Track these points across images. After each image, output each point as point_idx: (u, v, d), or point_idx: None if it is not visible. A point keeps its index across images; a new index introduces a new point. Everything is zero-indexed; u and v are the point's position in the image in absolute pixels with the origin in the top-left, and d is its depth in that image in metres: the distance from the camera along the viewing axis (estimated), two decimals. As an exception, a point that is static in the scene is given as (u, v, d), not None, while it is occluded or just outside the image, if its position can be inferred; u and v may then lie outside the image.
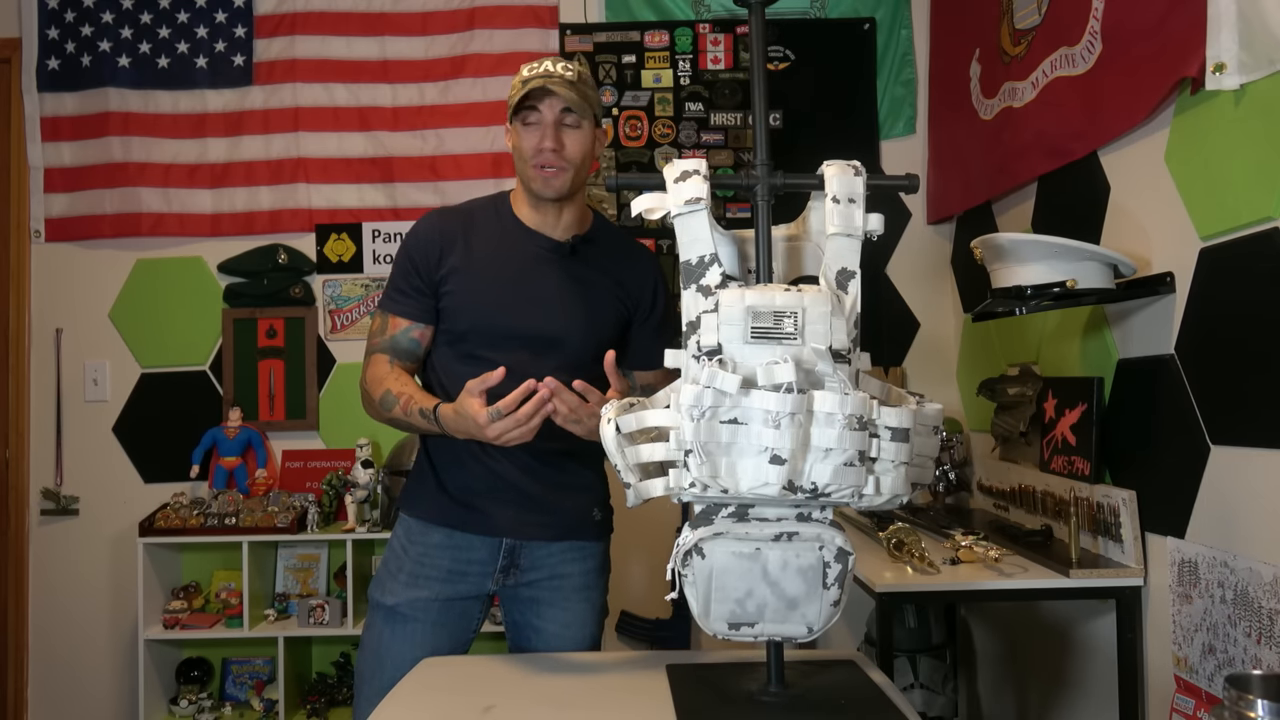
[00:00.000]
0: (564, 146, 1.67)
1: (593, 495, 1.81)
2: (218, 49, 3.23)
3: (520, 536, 1.74)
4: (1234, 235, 1.68)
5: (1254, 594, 1.62)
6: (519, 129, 1.69)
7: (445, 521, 1.75)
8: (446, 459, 1.76)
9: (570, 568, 1.77)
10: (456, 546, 1.74)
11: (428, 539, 1.75)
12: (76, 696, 3.18)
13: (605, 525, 1.84)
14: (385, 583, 1.77)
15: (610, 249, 1.80)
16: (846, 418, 1.11)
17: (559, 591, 1.76)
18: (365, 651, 1.77)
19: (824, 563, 1.21)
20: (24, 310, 3.23)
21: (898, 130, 3.22)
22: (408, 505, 1.80)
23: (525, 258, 1.73)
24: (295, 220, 3.22)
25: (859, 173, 1.25)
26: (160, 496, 3.11)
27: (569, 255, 1.74)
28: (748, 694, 1.32)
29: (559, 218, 1.74)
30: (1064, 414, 2.21)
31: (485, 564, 1.74)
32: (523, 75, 1.68)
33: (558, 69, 1.67)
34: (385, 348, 1.75)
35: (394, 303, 1.76)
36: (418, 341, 1.75)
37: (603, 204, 3.18)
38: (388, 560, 1.79)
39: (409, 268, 1.74)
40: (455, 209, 1.82)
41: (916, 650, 2.68)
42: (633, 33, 3.23)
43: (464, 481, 1.74)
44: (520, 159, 1.70)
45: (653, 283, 1.81)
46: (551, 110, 1.66)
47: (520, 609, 1.79)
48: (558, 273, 1.73)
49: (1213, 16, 1.64)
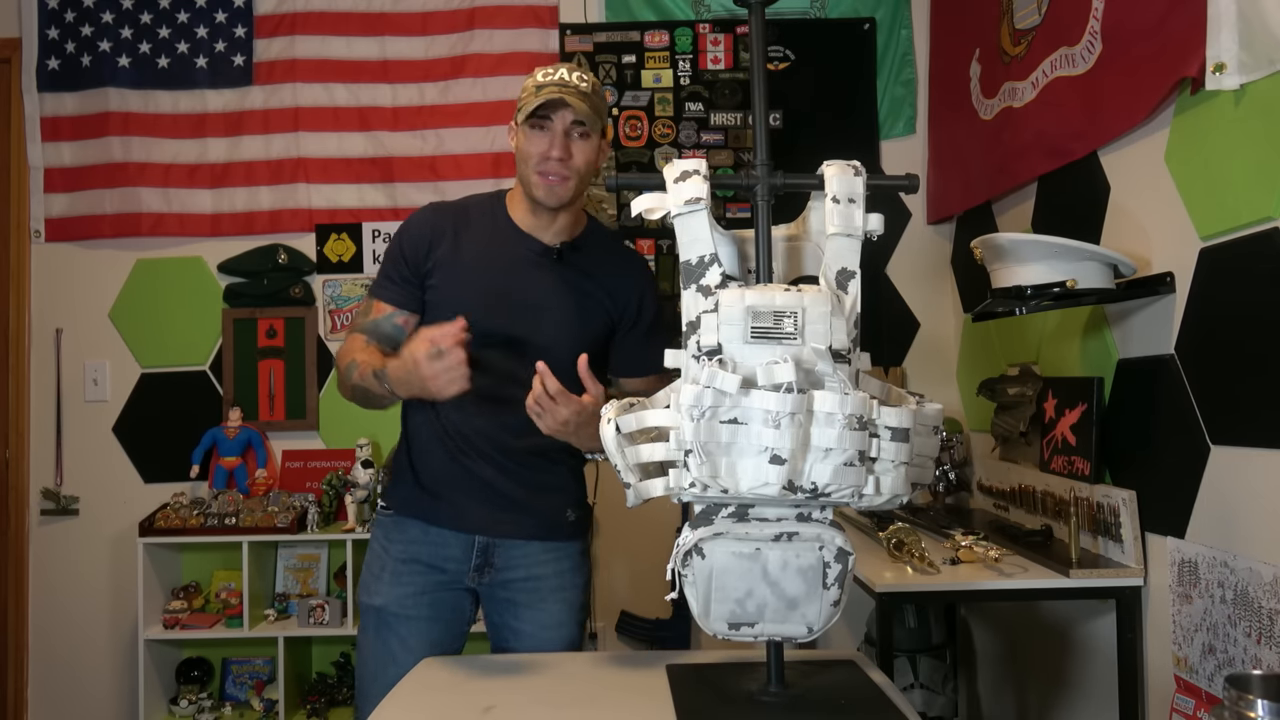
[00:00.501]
0: (571, 156, 1.67)
1: (566, 496, 1.81)
2: (218, 49, 3.23)
3: (493, 534, 1.74)
4: (1234, 235, 1.68)
5: (1254, 594, 1.62)
6: (526, 132, 1.68)
7: (418, 514, 1.76)
8: (422, 452, 1.77)
9: (545, 569, 1.77)
10: (432, 541, 1.75)
11: (405, 534, 1.76)
12: (76, 696, 3.18)
13: (580, 525, 1.84)
14: (370, 584, 1.77)
15: (600, 255, 1.79)
16: (846, 418, 1.11)
17: (536, 593, 1.76)
18: (363, 654, 1.78)
19: (824, 563, 1.21)
20: (24, 310, 3.23)
21: (898, 130, 3.22)
22: (387, 498, 1.83)
23: (513, 259, 1.73)
24: (295, 220, 3.22)
25: (859, 173, 1.25)
26: (160, 496, 3.11)
27: (557, 261, 1.74)
28: (748, 694, 1.32)
29: (553, 222, 1.74)
30: (1064, 414, 2.21)
31: (460, 561, 1.75)
32: (537, 80, 1.68)
33: (573, 78, 1.66)
34: (366, 329, 1.76)
35: (381, 289, 1.77)
36: (401, 328, 1.74)
37: (602, 204, 3.18)
38: (370, 562, 1.80)
39: (398, 257, 1.76)
40: (452, 204, 1.83)
41: (916, 650, 2.68)
42: (633, 33, 3.23)
43: (436, 473, 1.75)
44: (523, 162, 1.70)
45: (640, 290, 1.80)
46: (563, 120, 1.66)
47: (498, 610, 1.79)
48: (545, 277, 1.73)
49: (1213, 16, 1.64)
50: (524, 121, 1.67)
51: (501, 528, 1.74)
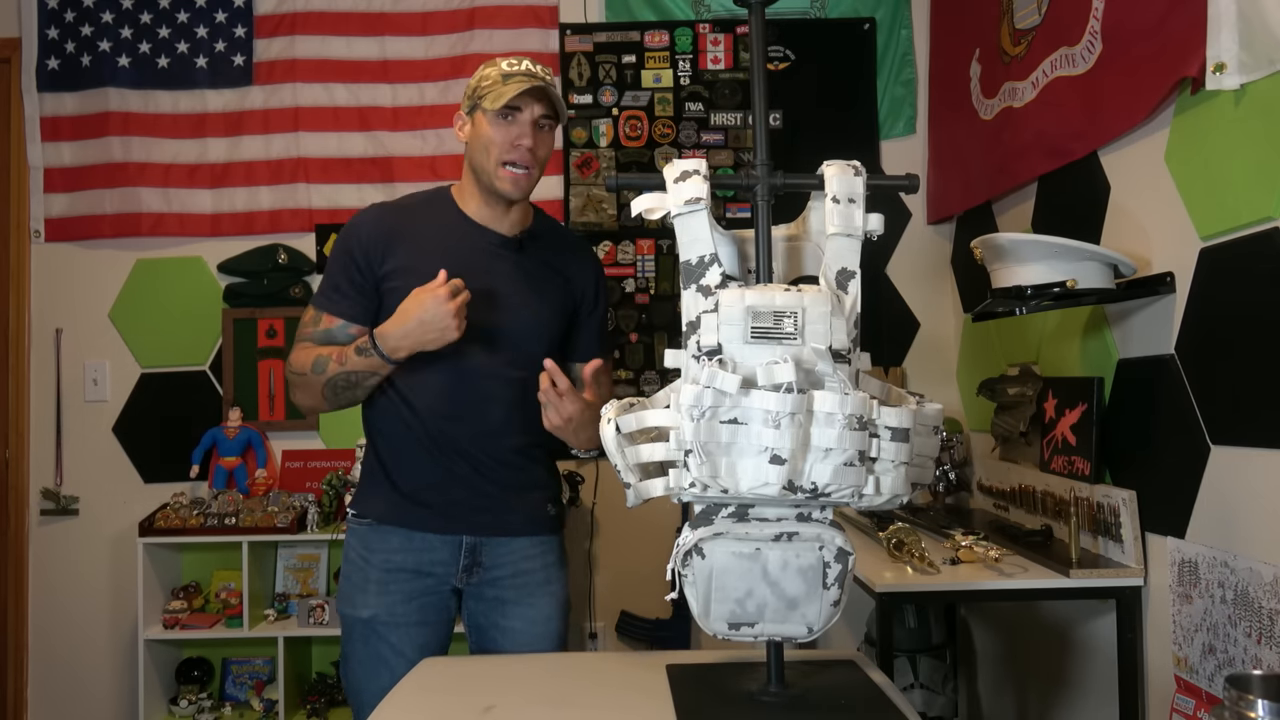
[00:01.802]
0: (536, 147, 1.69)
1: (546, 492, 1.83)
2: (218, 49, 3.23)
3: (479, 533, 1.74)
4: (1234, 235, 1.68)
5: (1254, 594, 1.61)
6: (492, 121, 1.68)
7: (401, 522, 1.73)
8: (398, 457, 1.75)
9: (532, 563, 1.78)
10: (417, 549, 1.73)
11: (387, 544, 1.73)
12: (76, 696, 3.18)
13: (559, 520, 1.86)
14: (354, 596, 1.75)
15: (555, 244, 1.82)
16: (846, 418, 1.11)
17: (524, 589, 1.77)
18: (351, 664, 1.75)
19: (824, 563, 1.20)
20: (24, 310, 3.22)
21: (898, 130, 3.22)
22: (360, 506, 1.78)
23: (475, 252, 1.73)
24: (295, 220, 3.22)
25: (859, 173, 1.25)
26: (160, 496, 3.11)
27: (518, 250, 1.75)
28: (748, 694, 1.32)
29: (507, 213, 1.76)
30: (1064, 414, 2.20)
31: (448, 564, 1.74)
32: (502, 69, 1.69)
33: (539, 70, 1.70)
34: (317, 337, 1.72)
35: (331, 301, 1.73)
36: (354, 339, 1.70)
37: (602, 204, 3.18)
38: (349, 574, 1.76)
39: (349, 263, 1.72)
40: (395, 204, 1.82)
41: (916, 650, 2.68)
42: (633, 33, 3.23)
43: (417, 478, 1.73)
44: (483, 152, 1.69)
45: (595, 276, 1.84)
46: (533, 112, 1.68)
47: (485, 610, 1.78)
48: (506, 267, 1.74)
49: (1213, 16, 1.64)
50: (493, 110, 1.67)
51: (488, 525, 1.74)
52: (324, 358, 1.67)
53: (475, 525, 1.74)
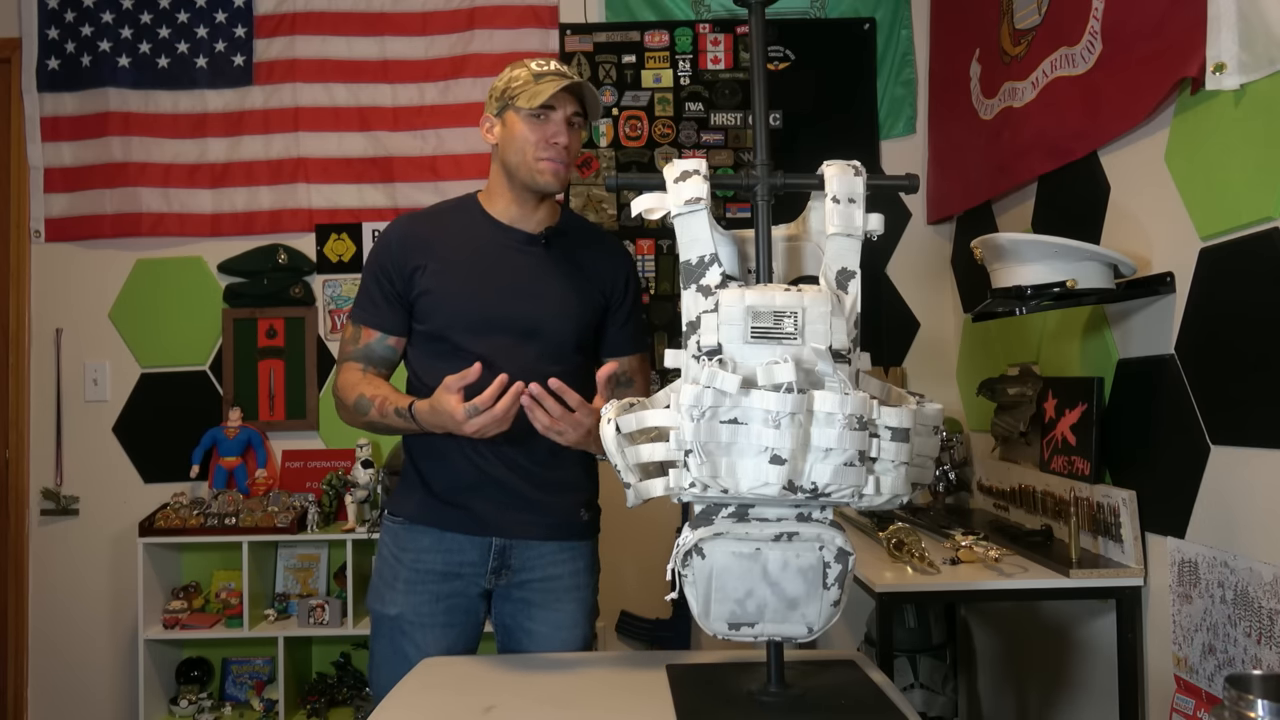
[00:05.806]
0: (570, 144, 1.71)
1: (580, 494, 1.81)
2: (218, 49, 3.23)
3: (509, 535, 1.73)
4: (1234, 235, 1.68)
5: (1254, 594, 1.62)
6: (524, 120, 1.69)
7: (433, 522, 1.74)
8: (431, 459, 1.76)
9: (560, 568, 1.77)
10: (447, 549, 1.74)
11: (418, 543, 1.75)
12: (76, 696, 3.18)
13: (593, 525, 1.84)
14: (384, 593, 1.77)
15: (583, 239, 1.83)
16: (846, 418, 1.11)
17: (550, 593, 1.76)
18: (377, 660, 1.77)
19: (824, 563, 1.21)
20: (24, 310, 3.22)
21: (898, 130, 3.22)
22: (394, 506, 1.81)
23: (501, 250, 1.74)
24: (295, 220, 3.22)
25: (859, 173, 1.26)
26: (160, 496, 3.11)
27: (543, 246, 1.76)
28: (748, 694, 1.32)
29: (535, 211, 1.77)
30: (1064, 414, 2.21)
31: (477, 565, 1.74)
32: (532, 69, 1.70)
33: (568, 70, 1.73)
34: (359, 356, 1.76)
35: (366, 313, 1.76)
36: (393, 349, 1.77)
37: (602, 204, 3.18)
38: (381, 570, 1.79)
39: (381, 275, 1.75)
40: (424, 213, 1.83)
41: (916, 650, 2.68)
42: (633, 33, 3.23)
43: (450, 480, 1.74)
44: (518, 151, 1.70)
45: (626, 270, 1.85)
46: (565, 110, 1.69)
47: (512, 612, 1.78)
48: (533, 263, 1.75)
49: (1213, 16, 1.64)
50: (527, 109, 1.68)
51: (517, 528, 1.74)
52: (366, 401, 1.69)
53: (505, 528, 1.73)
